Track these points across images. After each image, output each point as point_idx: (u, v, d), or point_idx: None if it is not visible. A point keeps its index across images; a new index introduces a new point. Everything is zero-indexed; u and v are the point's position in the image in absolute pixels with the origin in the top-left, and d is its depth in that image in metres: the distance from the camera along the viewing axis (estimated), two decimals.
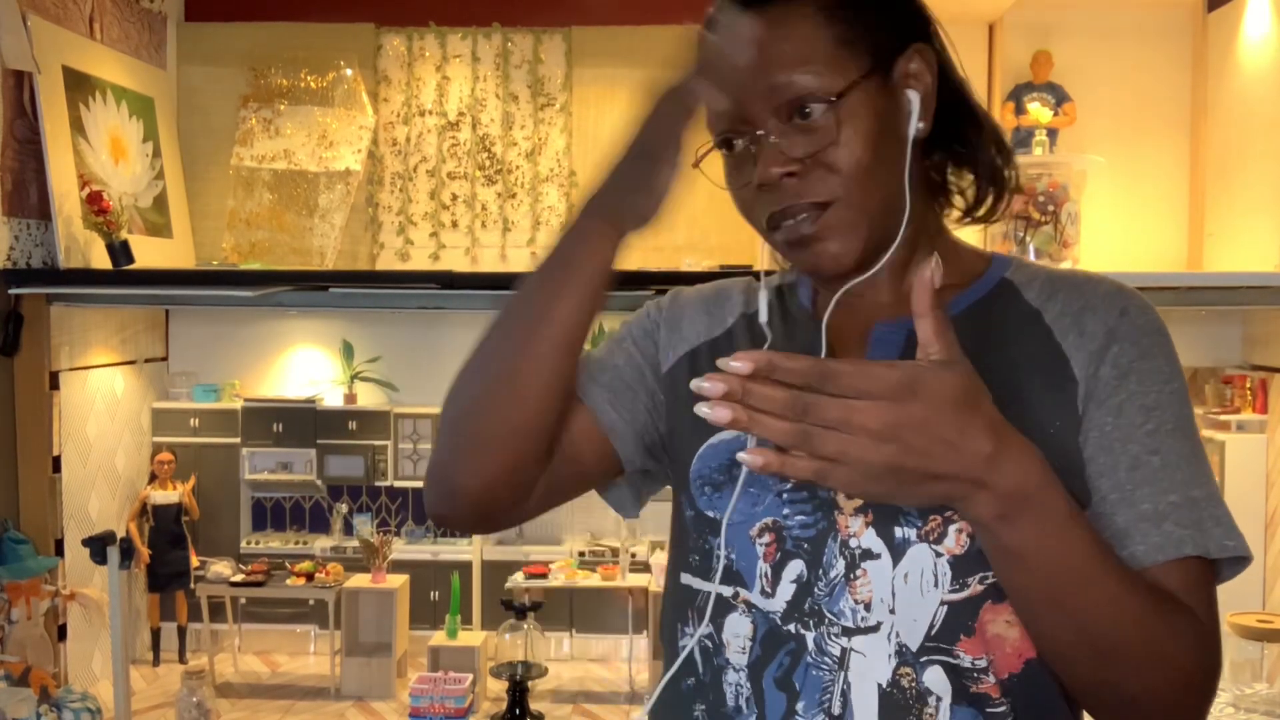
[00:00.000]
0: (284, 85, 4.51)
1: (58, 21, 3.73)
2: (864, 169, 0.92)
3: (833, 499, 0.92)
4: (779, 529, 0.93)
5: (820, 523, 0.92)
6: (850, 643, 0.90)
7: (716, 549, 0.96)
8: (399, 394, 4.75)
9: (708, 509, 0.97)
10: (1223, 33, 4.05)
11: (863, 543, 0.91)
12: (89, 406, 4.08)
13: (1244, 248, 3.90)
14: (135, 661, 4.37)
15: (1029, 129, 4.12)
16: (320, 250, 4.44)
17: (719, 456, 0.98)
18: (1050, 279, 0.99)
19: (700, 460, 0.99)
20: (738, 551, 0.95)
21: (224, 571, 4.38)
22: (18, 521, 3.56)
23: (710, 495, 0.97)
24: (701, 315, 1.08)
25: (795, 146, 0.92)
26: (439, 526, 1.20)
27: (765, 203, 0.95)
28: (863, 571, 0.90)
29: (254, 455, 4.70)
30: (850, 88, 0.91)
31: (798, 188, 0.92)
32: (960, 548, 0.88)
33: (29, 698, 3.10)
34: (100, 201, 3.63)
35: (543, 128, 4.59)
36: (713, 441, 0.98)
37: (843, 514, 0.92)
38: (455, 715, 3.68)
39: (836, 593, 0.91)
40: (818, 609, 0.91)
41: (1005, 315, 0.97)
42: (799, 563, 0.92)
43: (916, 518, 0.90)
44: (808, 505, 0.93)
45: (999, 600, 0.88)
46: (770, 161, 0.92)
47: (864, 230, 0.93)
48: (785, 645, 0.92)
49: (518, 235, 4.62)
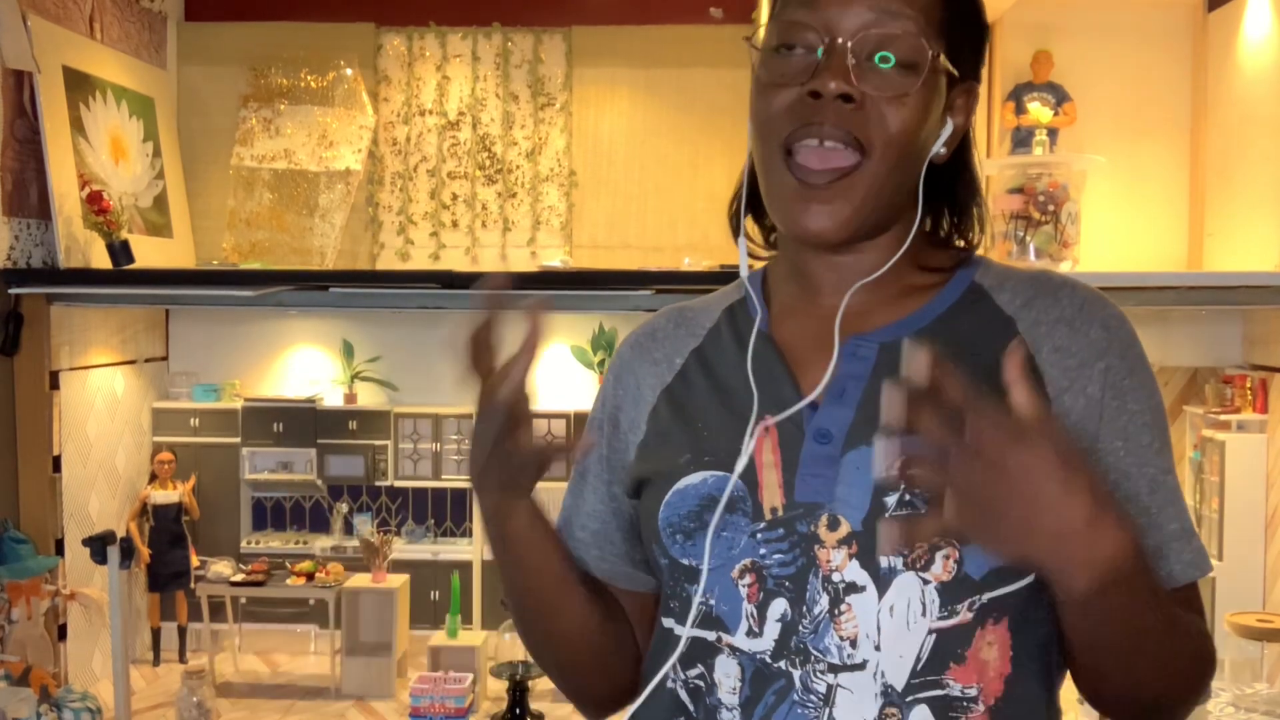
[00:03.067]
0: (284, 85, 4.51)
1: (58, 21, 3.73)
2: (905, 141, 0.91)
3: (813, 533, 0.90)
4: (759, 569, 0.91)
5: (799, 559, 0.90)
6: (837, 679, 0.88)
7: (694, 595, 0.94)
8: (399, 394, 4.75)
9: (682, 557, 0.95)
10: (1223, 33, 4.05)
11: (846, 575, 0.89)
12: (89, 406, 4.08)
13: (1244, 248, 3.89)
14: (135, 661, 4.36)
15: (1029, 129, 4.12)
16: (320, 250, 4.44)
17: (687, 503, 0.95)
18: (1023, 282, 0.97)
19: (668, 508, 0.96)
20: (720, 595, 0.93)
21: (224, 571, 4.38)
22: (18, 521, 3.56)
23: (682, 543, 0.95)
24: (642, 367, 1.05)
25: (866, 80, 0.89)
26: None
27: (800, 113, 0.91)
28: (847, 606, 0.88)
29: (254, 455, 4.70)
30: (934, 64, 0.91)
31: (844, 115, 0.89)
32: (948, 574, 0.87)
33: (29, 698, 3.10)
34: (100, 201, 3.63)
35: (543, 128, 4.59)
36: (678, 487, 0.96)
37: (824, 548, 0.89)
38: (455, 715, 3.68)
39: (821, 629, 0.89)
40: (803, 646, 0.89)
41: (976, 323, 0.95)
42: (782, 601, 0.90)
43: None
44: (784, 544, 0.91)
45: (983, 625, 0.88)
46: (836, 74, 0.89)
47: (870, 206, 0.92)
48: (773, 684, 0.90)
49: (518, 235, 4.62)
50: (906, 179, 0.94)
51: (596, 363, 4.64)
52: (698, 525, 0.94)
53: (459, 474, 4.69)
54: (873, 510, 0.88)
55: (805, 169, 0.91)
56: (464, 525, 4.72)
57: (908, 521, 0.77)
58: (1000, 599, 0.88)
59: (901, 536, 0.78)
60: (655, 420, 1.01)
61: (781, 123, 0.92)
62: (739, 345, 0.99)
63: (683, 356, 1.03)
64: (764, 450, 0.93)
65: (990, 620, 0.88)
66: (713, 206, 4.71)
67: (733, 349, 1.00)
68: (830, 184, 0.90)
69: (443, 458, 4.68)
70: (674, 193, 4.56)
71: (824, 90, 0.89)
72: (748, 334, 0.99)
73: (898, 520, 0.78)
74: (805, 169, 0.91)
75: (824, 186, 0.90)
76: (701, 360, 1.02)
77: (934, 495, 0.77)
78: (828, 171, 0.90)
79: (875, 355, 0.93)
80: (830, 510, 0.90)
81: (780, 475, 0.91)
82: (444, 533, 4.74)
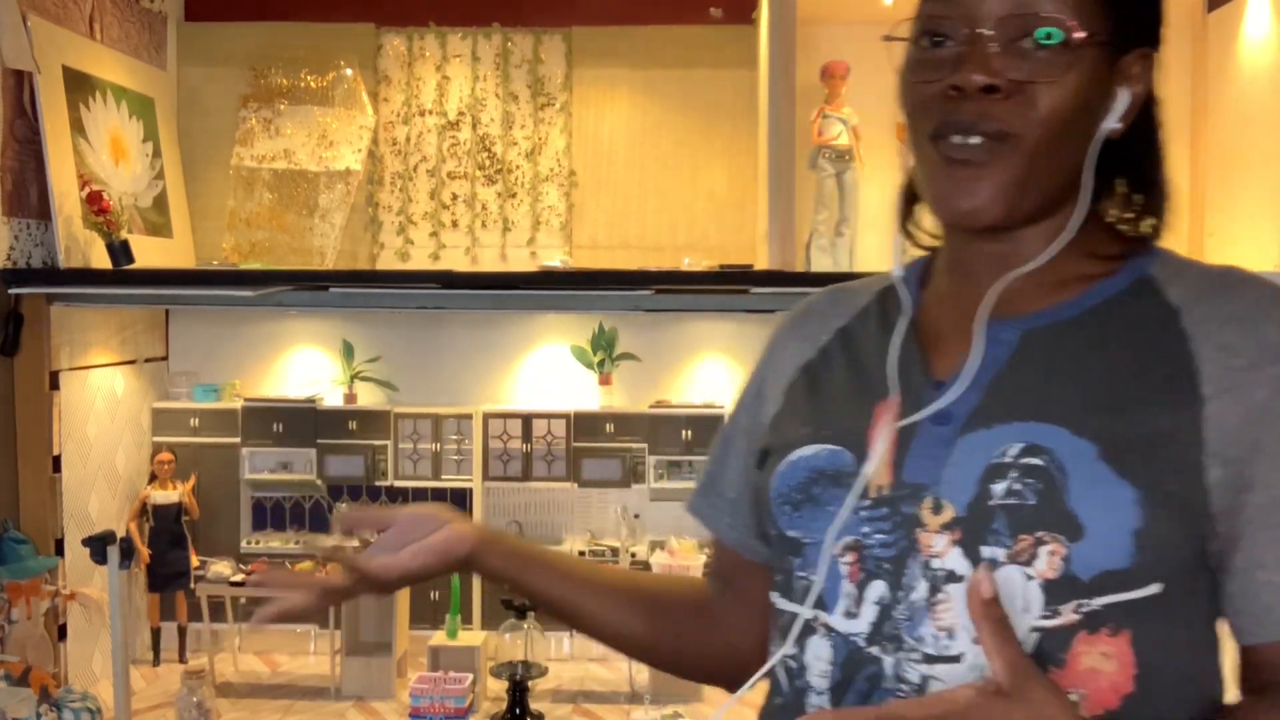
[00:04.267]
0: (284, 85, 4.52)
1: (58, 21, 3.73)
2: (1060, 123, 0.86)
3: (916, 514, 0.88)
4: (860, 548, 0.90)
5: (901, 541, 0.88)
6: (931, 670, 0.85)
7: (797, 570, 0.94)
8: (399, 394, 4.75)
9: (788, 528, 0.95)
10: (1223, 33, 4.05)
11: (946, 563, 0.86)
12: (89, 406, 4.08)
13: (1244, 248, 3.89)
14: (135, 661, 4.36)
15: None
16: (320, 250, 4.44)
17: (797, 474, 0.95)
18: (1200, 275, 0.92)
19: (779, 478, 0.97)
20: (820, 572, 0.92)
21: (224, 571, 4.37)
22: (18, 521, 3.56)
23: (790, 514, 0.95)
24: (792, 342, 1.06)
25: (1011, 66, 0.86)
26: None
27: (944, 108, 0.88)
28: (946, 595, 0.85)
29: (254, 455, 4.70)
30: (1090, 38, 0.86)
31: (990, 107, 0.86)
32: (1053, 571, 0.82)
33: (29, 698, 3.10)
34: (100, 201, 3.63)
35: (543, 128, 4.59)
36: (791, 458, 0.96)
37: (926, 531, 0.87)
38: (455, 715, 3.68)
39: (918, 617, 0.86)
40: (897, 633, 0.87)
41: (1134, 315, 0.90)
42: (880, 583, 0.88)
43: (1007, 536, 0.84)
44: (886, 524, 0.89)
45: (1094, 630, 0.83)
46: (979, 67, 0.86)
47: (1025, 186, 0.88)
48: (865, 669, 0.88)
49: (518, 235, 4.62)
50: (1066, 160, 0.89)
51: (596, 363, 4.64)
52: (805, 498, 0.94)
53: (459, 474, 4.69)
54: (979, 496, 0.85)
55: (954, 146, 0.88)
56: None
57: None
58: (1118, 608, 0.82)
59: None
60: (791, 394, 1.02)
61: (926, 118, 0.91)
62: (882, 327, 0.99)
63: (829, 334, 1.03)
64: (879, 427, 0.92)
65: (1105, 629, 0.83)
66: (713, 206, 4.72)
67: (875, 330, 1.00)
68: (977, 162, 0.87)
69: (443, 458, 4.68)
70: (674, 193, 4.56)
71: (965, 84, 0.86)
72: (894, 316, 0.99)
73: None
74: (954, 146, 0.88)
75: (974, 165, 0.87)
76: (845, 339, 1.02)
77: (1045, 482, 0.78)
78: (978, 149, 0.87)
79: (1016, 340, 0.90)
80: (935, 493, 0.87)
81: (892, 453, 0.90)
82: None
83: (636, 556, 4.44)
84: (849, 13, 4.23)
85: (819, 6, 4.03)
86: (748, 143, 4.49)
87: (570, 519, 4.80)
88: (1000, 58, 0.86)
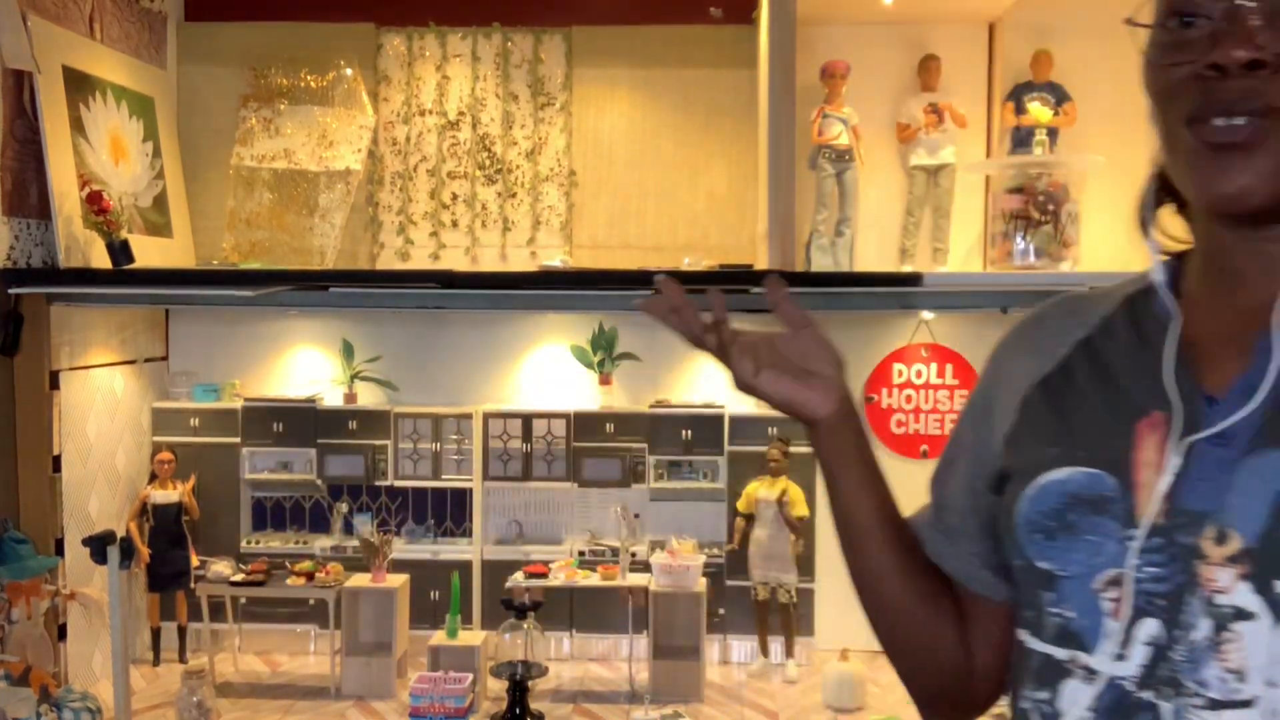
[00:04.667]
0: (284, 85, 4.51)
1: (58, 21, 3.73)
2: None
3: (1195, 545, 0.79)
4: (1127, 582, 0.81)
5: (1178, 575, 0.79)
6: (1218, 717, 0.77)
7: (1049, 605, 0.85)
8: (399, 394, 4.75)
9: (1039, 560, 0.86)
10: None
11: (1234, 600, 0.77)
12: (89, 406, 4.08)
13: None
14: (135, 661, 4.37)
15: (1029, 129, 4.11)
16: (320, 250, 4.44)
17: (1048, 500, 0.86)
18: None
19: (1027, 503, 0.87)
20: (1078, 608, 0.83)
21: (224, 571, 4.38)
22: (18, 521, 3.56)
23: (1040, 543, 0.86)
24: (1022, 355, 0.96)
25: (1277, 39, 0.78)
26: None
27: (1201, 90, 0.80)
28: (1234, 634, 0.77)
29: (254, 455, 4.70)
30: None
31: (1255, 84, 0.78)
32: None
33: (29, 698, 3.10)
34: (100, 201, 3.63)
35: (543, 127, 4.59)
36: (1040, 482, 0.87)
37: (1208, 564, 0.78)
38: (455, 715, 3.68)
39: (1201, 658, 0.78)
40: (1175, 676, 0.78)
41: None
42: (1154, 621, 0.80)
43: None
44: (1160, 555, 0.80)
45: None
46: (1242, 41, 0.78)
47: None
48: (1137, 716, 0.80)
49: (518, 235, 4.62)
50: None
51: (596, 363, 4.64)
52: (1059, 525, 0.85)
53: (459, 474, 4.69)
54: (1272, 525, 0.76)
55: (1216, 129, 0.80)
56: (464, 525, 4.72)
57: None
58: None
59: None
60: (1027, 410, 0.93)
61: (1181, 101, 0.82)
62: (1135, 337, 0.89)
63: (1067, 346, 0.93)
64: (1145, 448, 0.83)
65: None
66: (713, 206, 4.72)
67: (1126, 341, 0.90)
68: (1244, 142, 0.79)
69: (442, 458, 4.68)
70: (674, 193, 4.56)
71: (1227, 61, 0.78)
72: (1148, 326, 0.89)
73: None
74: (1216, 129, 0.80)
75: (1240, 147, 0.79)
76: (1089, 351, 0.92)
77: None
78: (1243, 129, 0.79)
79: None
80: (1218, 522, 0.79)
81: (1163, 477, 0.81)
82: (444, 533, 4.74)
83: (636, 556, 4.44)
84: (849, 13, 4.23)
85: (819, 6, 4.03)
86: (748, 143, 4.49)
87: (570, 519, 4.81)
88: (1265, 31, 0.78)
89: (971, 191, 4.29)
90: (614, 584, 4.35)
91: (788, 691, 4.28)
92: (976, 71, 4.33)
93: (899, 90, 4.28)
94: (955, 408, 4.67)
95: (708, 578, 4.39)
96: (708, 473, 4.67)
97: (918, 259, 4.25)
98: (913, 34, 4.25)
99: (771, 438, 4.47)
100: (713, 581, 4.44)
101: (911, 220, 4.26)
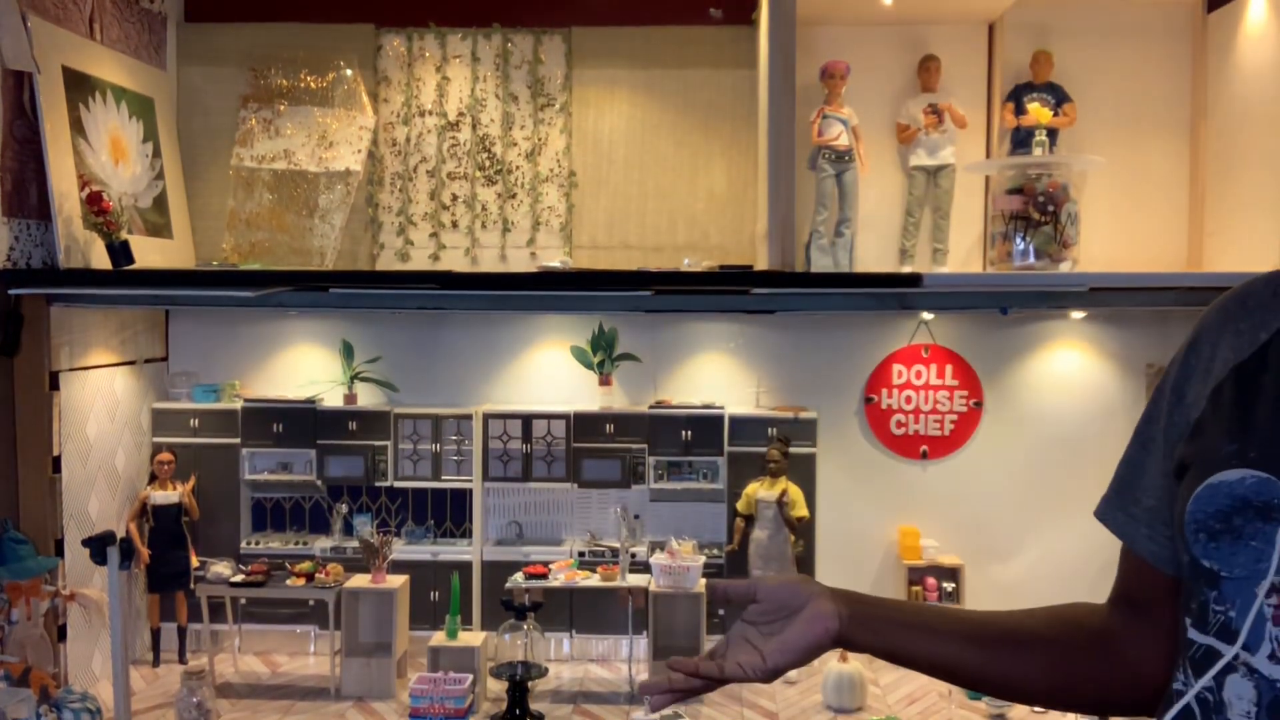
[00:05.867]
0: (284, 85, 4.52)
1: (58, 21, 3.73)
2: None
3: None
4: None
5: None
6: None
7: (1213, 602, 0.85)
8: (399, 394, 4.75)
9: (1202, 557, 0.85)
10: (1223, 33, 4.05)
11: None
12: (89, 406, 4.08)
13: (1244, 247, 3.90)
14: (135, 661, 4.37)
15: (1029, 129, 4.12)
16: (320, 250, 4.44)
17: (1216, 501, 0.84)
18: None
19: (1196, 502, 0.85)
20: (1240, 609, 0.83)
21: (224, 572, 4.37)
22: (18, 521, 3.56)
23: (1205, 543, 0.85)
24: (1226, 335, 0.91)
25: None
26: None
27: None
28: None
29: (254, 455, 4.70)
30: None
31: None
32: None
33: (29, 698, 3.10)
34: (100, 202, 3.63)
35: (543, 128, 4.59)
36: (1211, 481, 0.84)
37: None
38: (455, 715, 3.68)
39: None
40: None
41: None
42: None
43: None
44: None
45: None
46: None
47: None
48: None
49: (518, 235, 4.62)
50: None
51: (596, 363, 4.64)
52: (1225, 528, 0.83)
53: (459, 474, 4.69)
54: None
55: None
56: (463, 526, 4.72)
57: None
58: None
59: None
60: (1217, 398, 0.88)
61: None
62: None
63: (1269, 331, 0.87)
64: None
65: None
66: (713, 206, 4.72)
67: None
68: None
69: (442, 458, 4.68)
70: (674, 193, 4.56)
71: None
72: None
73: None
74: None
75: None
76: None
77: None
78: None
79: None
80: None
81: None
82: (444, 533, 4.74)
83: (636, 556, 4.44)
84: (849, 13, 4.23)
85: (819, 6, 4.04)
86: (748, 143, 4.49)
87: (570, 519, 4.81)
88: None
89: (971, 192, 4.30)
90: (614, 585, 4.34)
91: (787, 692, 4.28)
92: (976, 72, 4.33)
93: (899, 90, 4.28)
94: (955, 408, 4.67)
95: (707, 578, 4.39)
96: (707, 473, 4.67)
97: (917, 259, 4.26)
98: (912, 34, 4.25)
99: (771, 439, 4.47)
100: None
101: (911, 221, 4.26)
